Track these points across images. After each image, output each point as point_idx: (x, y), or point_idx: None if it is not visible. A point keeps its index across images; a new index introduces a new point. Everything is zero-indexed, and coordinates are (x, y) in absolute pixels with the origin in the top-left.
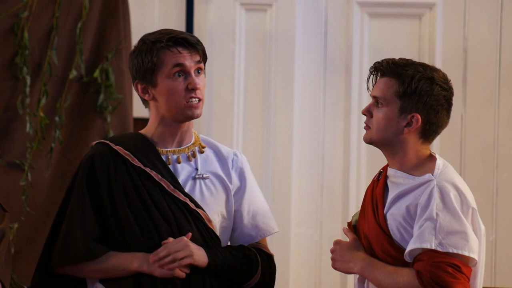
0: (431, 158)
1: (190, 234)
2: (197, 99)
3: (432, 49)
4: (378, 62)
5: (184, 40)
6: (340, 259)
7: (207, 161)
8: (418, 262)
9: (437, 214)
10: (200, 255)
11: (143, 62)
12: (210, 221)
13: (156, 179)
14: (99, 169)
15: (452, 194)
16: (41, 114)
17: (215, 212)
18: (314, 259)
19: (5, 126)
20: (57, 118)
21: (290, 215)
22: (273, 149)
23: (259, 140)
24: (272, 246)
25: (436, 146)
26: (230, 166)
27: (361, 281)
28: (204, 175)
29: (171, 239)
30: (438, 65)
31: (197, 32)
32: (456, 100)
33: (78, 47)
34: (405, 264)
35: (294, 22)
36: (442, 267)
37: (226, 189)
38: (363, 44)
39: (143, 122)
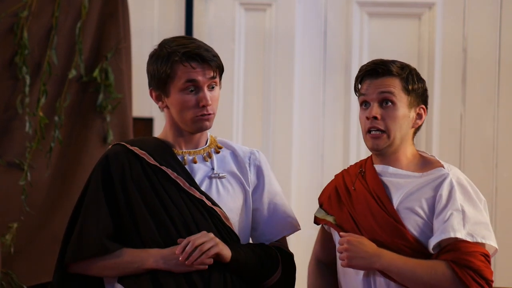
0: (422, 154)
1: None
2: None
3: (431, 49)
4: (371, 64)
5: (198, 56)
6: (357, 255)
7: (223, 161)
8: (449, 253)
9: (461, 206)
10: (225, 246)
11: (158, 70)
12: (227, 218)
13: (172, 177)
14: (114, 167)
15: (469, 187)
16: (41, 113)
17: (232, 210)
18: None
19: (4, 126)
20: (56, 118)
21: None
22: (273, 149)
23: (259, 140)
24: None
25: (435, 146)
26: (247, 164)
27: (367, 275)
28: (220, 174)
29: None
30: (437, 64)
31: (197, 32)
32: (455, 99)
33: (78, 47)
34: (423, 256)
35: (294, 22)
36: (477, 256)
37: (243, 187)
38: (362, 43)
39: (142, 121)
